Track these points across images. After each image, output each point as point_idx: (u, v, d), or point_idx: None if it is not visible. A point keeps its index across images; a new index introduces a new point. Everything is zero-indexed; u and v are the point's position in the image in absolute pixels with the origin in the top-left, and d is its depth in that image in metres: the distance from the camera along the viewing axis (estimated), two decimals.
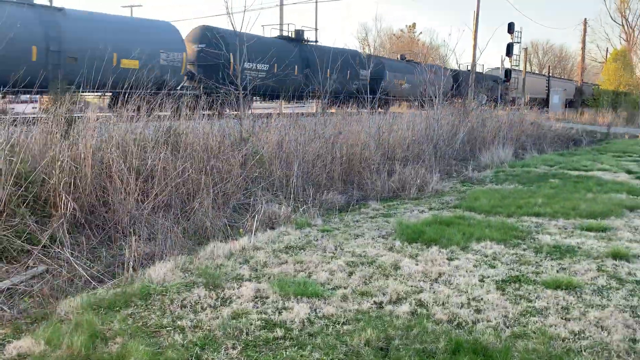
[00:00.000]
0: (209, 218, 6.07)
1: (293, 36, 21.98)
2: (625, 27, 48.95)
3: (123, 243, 5.38)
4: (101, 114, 7.93)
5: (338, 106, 12.87)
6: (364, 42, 60.84)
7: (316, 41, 23.36)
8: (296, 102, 22.41)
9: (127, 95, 7.41)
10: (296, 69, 20.00)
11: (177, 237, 5.57)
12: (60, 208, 5.31)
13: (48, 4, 14.15)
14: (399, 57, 32.63)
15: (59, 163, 5.59)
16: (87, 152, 6.02)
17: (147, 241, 5.50)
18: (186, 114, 7.99)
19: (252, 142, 7.93)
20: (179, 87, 14.57)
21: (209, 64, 15.45)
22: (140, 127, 7.16)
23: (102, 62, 10.40)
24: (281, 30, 24.22)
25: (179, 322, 3.69)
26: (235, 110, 8.93)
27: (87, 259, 5.03)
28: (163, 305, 3.98)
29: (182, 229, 5.93)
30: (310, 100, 20.25)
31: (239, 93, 8.27)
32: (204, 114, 8.24)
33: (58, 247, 4.91)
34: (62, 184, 5.45)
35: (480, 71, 36.39)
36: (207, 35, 16.79)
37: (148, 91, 7.56)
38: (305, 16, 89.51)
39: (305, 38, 22.38)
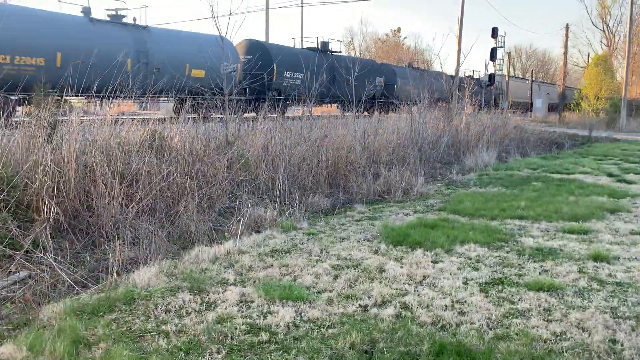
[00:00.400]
0: (194, 222, 6.06)
1: (320, 48, 24.90)
2: (606, 32, 49.83)
3: (107, 247, 5.34)
4: (85, 117, 7.88)
5: (364, 110, 13.45)
6: (350, 46, 61.06)
7: (339, 52, 26.39)
8: (320, 106, 24.58)
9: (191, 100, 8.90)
10: (324, 77, 22.29)
11: (162, 242, 5.55)
12: (43, 212, 5.26)
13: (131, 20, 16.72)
14: (407, 65, 34.55)
15: (42, 167, 5.54)
16: (71, 156, 5.98)
17: (131, 245, 5.46)
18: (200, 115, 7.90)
19: (237, 145, 7.93)
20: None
21: (255, 73, 17.21)
22: (124, 130, 7.12)
23: (178, 71, 12.57)
24: (301, 40, 27.68)
25: (163, 327, 3.67)
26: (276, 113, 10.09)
27: (71, 264, 4.99)
28: (147, 310, 3.96)
29: (167, 233, 5.91)
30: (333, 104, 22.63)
31: (224, 99, 8.26)
32: (189, 118, 8.21)
33: (41, 252, 4.86)
34: (45, 188, 5.40)
35: (470, 75, 36.82)
36: (253, 48, 20.04)
37: (211, 97, 8.78)
38: (291, 20, 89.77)
39: (330, 49, 25.48)
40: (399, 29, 61.32)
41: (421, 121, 13.48)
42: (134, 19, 17.05)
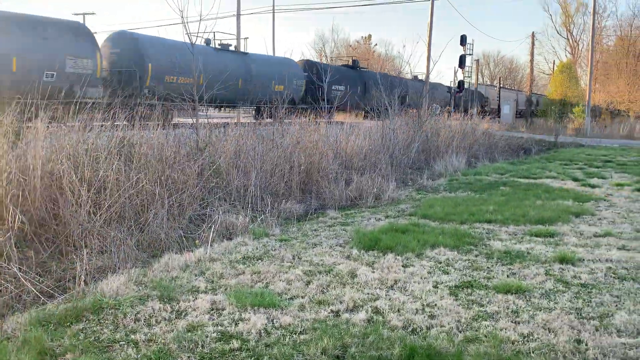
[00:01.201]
0: (164, 229, 5.99)
1: (351, 64, 31.27)
2: (570, 40, 51.28)
3: (74, 256, 5.23)
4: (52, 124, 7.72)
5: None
6: (321, 53, 61.32)
7: (366, 68, 33.07)
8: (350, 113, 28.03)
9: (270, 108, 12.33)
10: (358, 88, 27.67)
11: (131, 250, 5.47)
12: (7, 221, 5.12)
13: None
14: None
15: (6, 175, 5.40)
16: (37, 164, 5.84)
17: (99, 254, 5.37)
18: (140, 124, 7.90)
19: (208, 152, 7.87)
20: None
21: (310, 87, 24.26)
22: (92, 137, 7.00)
23: (267, 86, 17.40)
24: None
25: (132, 336, 3.62)
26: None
27: (36, 274, 4.87)
28: (116, 320, 3.89)
29: (136, 241, 5.82)
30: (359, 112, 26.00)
31: (194, 104, 8.20)
32: (158, 124, 8.12)
33: (5, 262, 4.73)
34: (9, 196, 5.26)
35: (440, 82, 37.53)
36: (310, 66, 26.02)
37: (284, 105, 11.44)
38: (262, 25, 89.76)
39: (359, 65, 31.79)
40: (369, 36, 61.95)
41: (392, 127, 13.62)
42: (236, 47, 24.01)
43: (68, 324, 3.80)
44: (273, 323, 3.87)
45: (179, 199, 6.81)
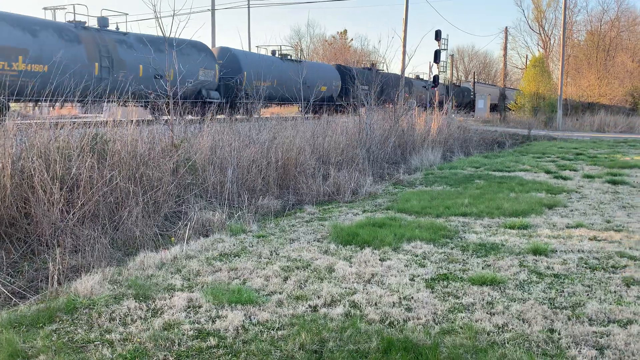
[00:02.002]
0: (139, 227, 5.91)
1: (369, 67, 32.39)
2: (542, 35, 52.06)
3: (47, 256, 5.13)
4: (23, 121, 7.54)
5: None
6: (297, 47, 61.14)
7: (371, 68, 32.98)
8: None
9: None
10: (377, 88, 29.31)
11: (105, 248, 5.38)
12: None
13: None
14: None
15: None
16: (6, 162, 5.70)
17: (72, 253, 5.27)
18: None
19: (184, 148, 7.79)
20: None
21: (344, 87, 28.42)
22: (64, 134, 6.86)
23: (315, 88, 18.01)
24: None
25: (107, 336, 3.57)
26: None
27: (8, 274, 4.77)
28: (90, 319, 3.83)
29: (111, 239, 5.74)
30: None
31: (169, 102, 8.09)
32: (131, 120, 8.00)
33: None
34: None
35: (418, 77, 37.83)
36: (341, 70, 29.88)
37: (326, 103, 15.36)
38: (239, 22, 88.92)
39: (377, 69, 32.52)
40: (345, 31, 61.89)
41: (369, 122, 13.67)
42: (298, 57, 30.27)
43: (41, 324, 3.73)
44: (250, 319, 3.86)
45: (154, 196, 6.73)
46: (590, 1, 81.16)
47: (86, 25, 16.60)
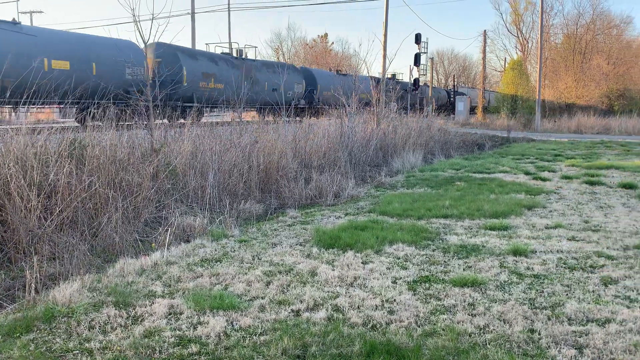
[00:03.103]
0: (119, 233, 5.83)
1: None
2: (520, 38, 52.77)
3: (24, 264, 5.03)
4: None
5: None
6: (278, 51, 61.12)
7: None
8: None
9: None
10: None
11: (84, 255, 5.30)
12: None
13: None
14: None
15: None
16: None
17: (51, 261, 5.19)
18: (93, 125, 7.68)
19: (164, 153, 7.72)
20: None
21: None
22: (41, 140, 6.75)
23: (331, 94, 18.47)
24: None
25: (86, 345, 3.51)
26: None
27: None
28: (69, 328, 3.76)
29: (90, 246, 5.66)
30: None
31: (148, 104, 8.01)
32: (112, 125, 7.90)
33: None
34: None
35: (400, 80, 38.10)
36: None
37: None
38: (219, 26, 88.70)
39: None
40: (325, 35, 62.04)
41: (351, 125, 13.71)
42: (346, 72, 34.54)
43: (18, 334, 3.65)
44: (233, 325, 3.83)
45: (134, 201, 6.66)
46: (566, 5, 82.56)
47: (237, 56, 25.11)
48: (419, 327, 3.84)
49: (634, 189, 9.91)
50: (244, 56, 25.20)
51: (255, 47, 27.81)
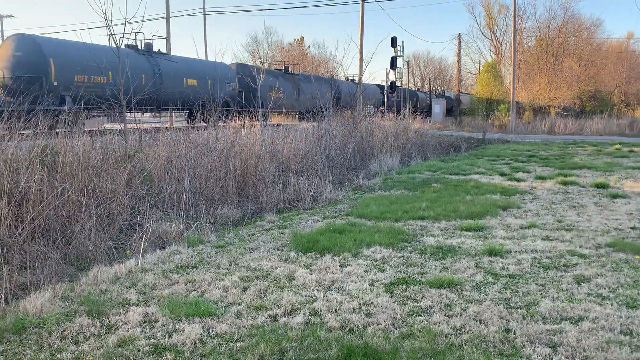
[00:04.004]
0: (92, 241, 5.73)
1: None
2: (494, 41, 53.54)
3: None
4: None
5: None
6: (254, 55, 60.92)
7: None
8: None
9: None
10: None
11: (57, 264, 5.20)
12: None
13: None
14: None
15: None
16: None
17: (21, 270, 5.07)
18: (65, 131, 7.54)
19: (138, 158, 7.62)
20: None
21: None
22: (11, 146, 6.60)
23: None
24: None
25: (58, 356, 3.43)
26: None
27: None
28: (40, 339, 3.68)
29: (62, 254, 5.55)
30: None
31: (122, 108, 7.91)
32: (84, 131, 7.78)
33: None
34: None
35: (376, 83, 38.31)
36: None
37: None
38: (195, 29, 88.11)
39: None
40: (302, 38, 62.07)
41: (328, 128, 13.72)
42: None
43: None
44: (209, 332, 3.79)
45: (108, 208, 6.55)
46: (538, 8, 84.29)
47: (289, 71, 30.46)
48: (396, 329, 3.85)
49: (606, 189, 10.12)
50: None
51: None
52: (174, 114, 25.18)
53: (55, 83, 16.61)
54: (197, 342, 3.63)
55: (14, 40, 17.07)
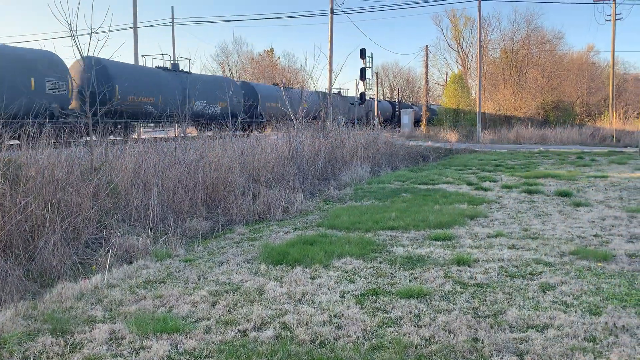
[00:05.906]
0: (57, 256, 5.58)
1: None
2: (461, 53, 54.67)
3: None
4: None
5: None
6: (223, 65, 60.70)
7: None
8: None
9: None
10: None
11: (19, 281, 5.04)
12: None
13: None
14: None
15: None
16: None
17: None
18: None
19: (105, 171, 7.48)
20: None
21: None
22: None
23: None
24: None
25: None
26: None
27: None
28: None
29: (25, 270, 5.39)
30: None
31: (87, 120, 7.76)
32: (48, 143, 7.59)
33: None
34: None
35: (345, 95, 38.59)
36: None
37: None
38: (163, 39, 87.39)
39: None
40: (272, 49, 62.18)
41: (299, 139, 13.74)
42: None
43: None
44: (177, 349, 3.73)
45: (73, 222, 6.40)
46: (502, 21, 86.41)
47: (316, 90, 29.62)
48: (367, 341, 3.86)
49: (569, 197, 10.39)
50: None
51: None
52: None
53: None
54: (165, 359, 3.57)
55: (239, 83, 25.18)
